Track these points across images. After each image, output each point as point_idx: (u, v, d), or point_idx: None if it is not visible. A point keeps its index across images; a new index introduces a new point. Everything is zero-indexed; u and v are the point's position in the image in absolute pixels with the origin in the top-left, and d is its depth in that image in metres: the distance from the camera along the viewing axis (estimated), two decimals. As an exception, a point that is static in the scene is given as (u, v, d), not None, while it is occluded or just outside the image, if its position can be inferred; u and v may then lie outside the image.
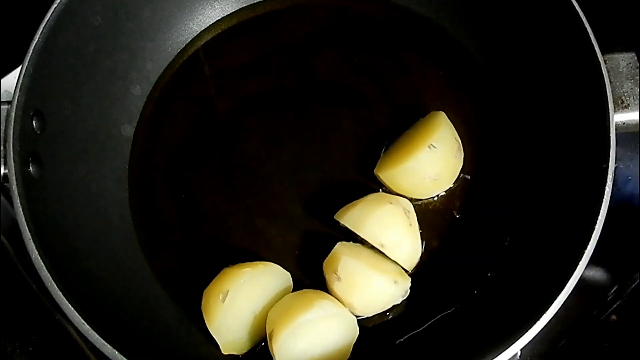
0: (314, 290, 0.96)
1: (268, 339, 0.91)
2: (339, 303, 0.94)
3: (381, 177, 1.05)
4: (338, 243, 0.98)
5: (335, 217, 1.00)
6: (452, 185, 1.06)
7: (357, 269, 0.94)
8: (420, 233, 1.01)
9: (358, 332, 0.94)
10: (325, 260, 0.97)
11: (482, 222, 1.04)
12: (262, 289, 0.95)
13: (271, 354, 0.90)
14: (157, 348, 0.93)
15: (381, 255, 0.98)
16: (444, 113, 1.06)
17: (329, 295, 0.95)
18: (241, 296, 0.93)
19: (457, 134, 1.06)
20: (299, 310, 0.90)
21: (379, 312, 0.97)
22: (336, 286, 0.94)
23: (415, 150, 1.01)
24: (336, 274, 0.94)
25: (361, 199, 1.01)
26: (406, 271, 0.99)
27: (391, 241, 0.97)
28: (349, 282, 0.94)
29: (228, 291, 0.92)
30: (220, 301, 0.92)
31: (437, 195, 1.06)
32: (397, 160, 1.03)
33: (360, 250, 0.97)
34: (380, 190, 1.06)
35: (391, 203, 0.98)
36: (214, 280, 0.96)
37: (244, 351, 0.96)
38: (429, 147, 1.00)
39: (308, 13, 1.20)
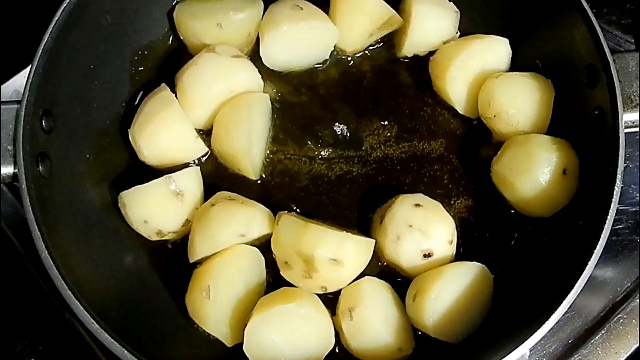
0: (307, 292, 0.94)
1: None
2: (323, 309, 0.92)
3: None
4: (366, 278, 0.95)
5: None
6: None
7: (372, 324, 0.91)
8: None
9: (333, 344, 0.92)
10: (346, 289, 0.95)
11: (489, 223, 1.04)
12: (238, 272, 0.94)
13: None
14: (165, 346, 0.94)
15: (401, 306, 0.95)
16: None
17: (317, 298, 0.93)
18: (222, 286, 0.92)
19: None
20: (279, 300, 0.90)
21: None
22: (345, 322, 0.92)
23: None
24: (351, 312, 0.91)
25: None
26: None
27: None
28: (359, 329, 0.91)
29: (209, 286, 0.92)
30: (205, 299, 0.91)
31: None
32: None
33: (384, 297, 0.94)
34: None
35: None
36: (189, 285, 0.95)
37: None
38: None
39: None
